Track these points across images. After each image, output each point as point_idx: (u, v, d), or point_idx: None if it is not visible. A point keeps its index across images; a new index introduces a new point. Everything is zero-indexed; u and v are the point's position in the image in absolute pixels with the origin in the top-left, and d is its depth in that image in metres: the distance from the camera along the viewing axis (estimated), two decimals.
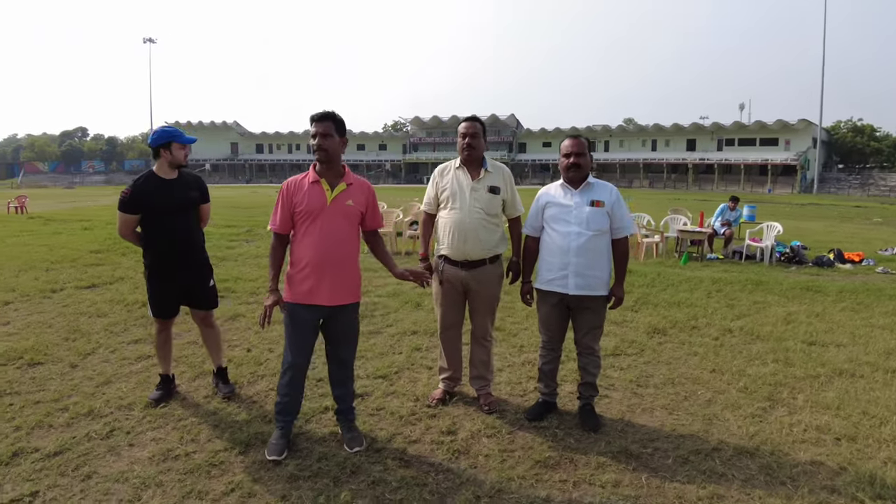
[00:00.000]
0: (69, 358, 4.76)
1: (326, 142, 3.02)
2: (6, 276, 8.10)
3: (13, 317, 6.05)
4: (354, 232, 3.22)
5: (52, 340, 5.20)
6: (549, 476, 2.95)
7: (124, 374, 4.43)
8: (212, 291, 4.00)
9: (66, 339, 5.27)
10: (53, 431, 3.50)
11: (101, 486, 2.88)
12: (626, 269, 3.53)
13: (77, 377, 4.38)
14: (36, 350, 4.91)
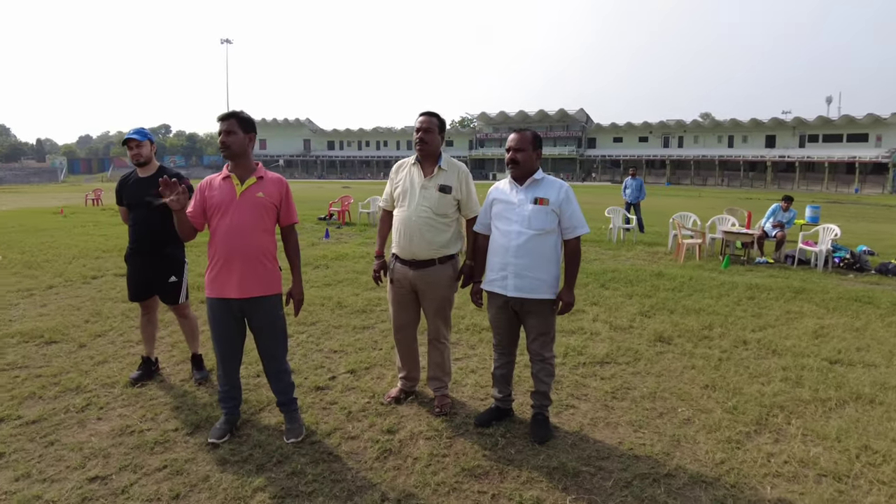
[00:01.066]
0: (81, 338, 5.10)
1: (230, 138, 3.09)
2: (60, 262, 8.83)
3: (51, 300, 6.56)
4: (267, 225, 3.20)
5: (74, 322, 5.58)
6: (470, 486, 2.78)
7: (122, 355, 4.67)
8: (171, 287, 4.10)
9: (86, 321, 5.64)
10: (40, 402, 3.76)
11: (57, 453, 3.11)
12: (576, 272, 3.24)
13: (80, 356, 4.67)
14: (55, 330, 5.29)
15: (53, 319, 5.69)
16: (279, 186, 3.24)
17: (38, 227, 14.19)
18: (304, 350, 4.83)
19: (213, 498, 2.71)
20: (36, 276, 7.91)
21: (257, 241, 3.15)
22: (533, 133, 3.21)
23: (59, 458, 3.07)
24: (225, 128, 3.10)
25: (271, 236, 3.26)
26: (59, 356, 4.67)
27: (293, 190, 3.37)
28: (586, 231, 3.20)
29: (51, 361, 4.54)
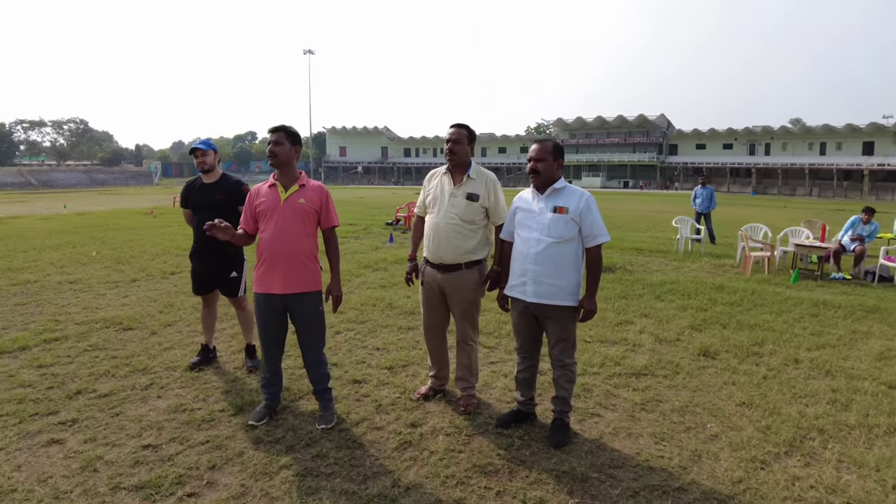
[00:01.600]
0: (153, 327, 5.64)
1: (278, 149, 3.40)
2: (145, 259, 9.72)
3: (133, 291, 7.26)
4: (308, 229, 3.47)
5: (149, 312, 6.17)
6: (478, 481, 2.88)
7: (187, 343, 5.13)
8: (232, 281, 4.49)
9: (160, 311, 6.22)
10: (112, 380, 4.24)
11: (120, 423, 3.55)
12: (598, 280, 3.26)
13: (151, 342, 5.18)
14: (133, 318, 5.89)
15: (132, 309, 6.31)
16: (319, 193, 3.51)
17: (130, 226, 15.59)
18: (350, 346, 5.09)
19: (243, 471, 2.98)
20: (123, 270, 8.76)
21: (299, 243, 3.42)
22: (554, 143, 3.27)
23: (121, 427, 3.48)
24: (274, 139, 3.41)
25: (312, 239, 3.52)
26: (133, 341, 5.20)
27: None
28: (606, 239, 3.22)
29: (125, 345, 5.07)
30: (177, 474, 2.94)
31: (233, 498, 2.75)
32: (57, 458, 3.11)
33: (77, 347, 4.99)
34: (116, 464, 3.05)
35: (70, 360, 4.67)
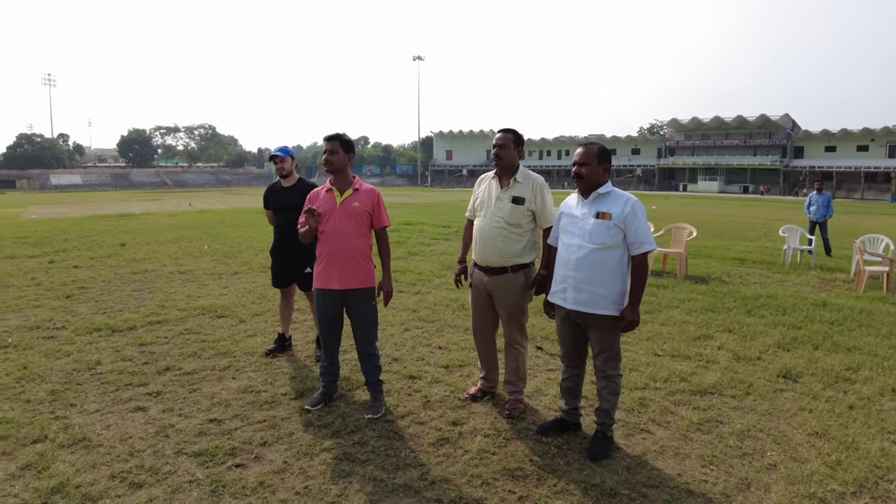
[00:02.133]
0: (242, 315, 6.18)
1: (333, 157, 3.67)
2: (249, 254, 10.62)
3: (232, 283, 7.98)
4: (362, 230, 3.68)
5: (242, 303, 6.76)
6: (503, 484, 2.89)
7: (269, 332, 5.56)
8: (307, 277, 4.79)
9: (252, 302, 6.79)
10: (197, 360, 4.73)
11: (195, 398, 3.97)
12: (642, 289, 3.11)
13: (238, 329, 5.68)
14: (226, 307, 6.48)
15: (228, 299, 6.93)
16: (371, 196, 3.72)
17: (243, 224, 17.00)
18: (415, 343, 5.26)
19: (289, 450, 3.23)
20: (228, 263, 9.62)
21: (353, 243, 3.64)
22: (599, 147, 3.19)
23: (195, 401, 3.90)
24: (329, 148, 3.67)
25: (366, 239, 3.73)
26: (222, 328, 5.73)
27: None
28: (652, 248, 3.08)
29: (215, 331, 5.60)
30: (231, 447, 3.24)
31: (273, 472, 2.98)
32: (139, 423, 3.54)
33: (174, 330, 5.59)
34: (184, 432, 3.41)
35: (166, 340, 5.25)
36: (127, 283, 7.93)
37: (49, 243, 12.38)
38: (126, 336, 5.40)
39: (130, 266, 9.36)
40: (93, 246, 11.94)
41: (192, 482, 2.88)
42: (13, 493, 2.78)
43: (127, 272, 8.82)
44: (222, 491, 2.81)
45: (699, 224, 18.00)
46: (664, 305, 6.73)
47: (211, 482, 2.87)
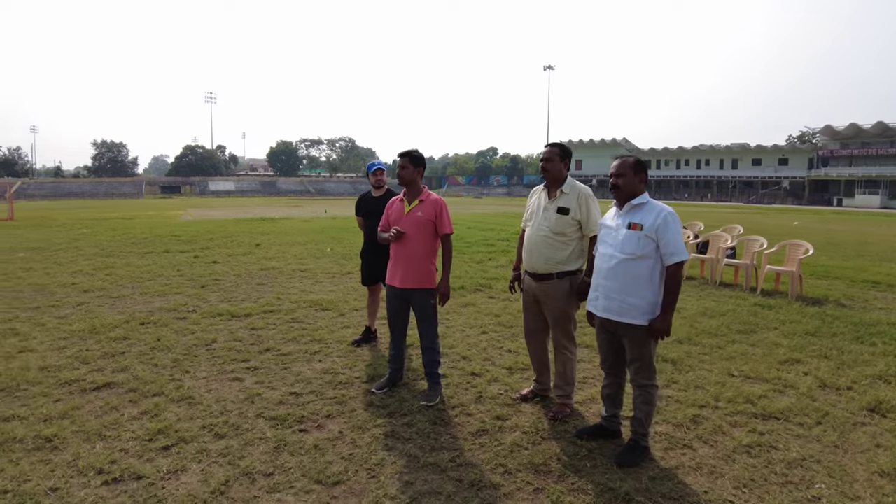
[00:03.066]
0: (343, 309, 6.90)
1: (403, 171, 4.13)
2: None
3: (343, 282, 8.85)
4: (426, 236, 4.07)
5: (345, 298, 7.50)
6: (524, 476, 3.07)
7: (362, 324, 6.15)
8: None
9: (354, 299, 7.51)
10: (294, 344, 5.45)
11: (283, 374, 4.64)
12: (674, 299, 3.12)
13: (336, 321, 6.38)
14: (331, 302, 7.25)
15: (335, 295, 7.71)
16: (435, 206, 4.11)
17: None
18: (487, 345, 5.54)
19: (347, 423, 3.71)
20: (343, 265, 10.56)
21: (417, 247, 4.07)
22: (635, 159, 3.27)
23: (283, 377, 4.54)
24: (401, 163, 4.15)
25: (428, 244, 4.13)
26: (323, 319, 6.45)
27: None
28: (684, 258, 3.10)
29: (316, 322, 6.32)
30: (301, 415, 3.79)
31: (328, 439, 3.46)
32: (234, 390, 4.24)
33: (283, 319, 6.41)
34: (267, 400, 4.04)
35: (273, 327, 6.05)
36: (253, 278, 9.09)
37: (197, 241, 14.42)
38: (242, 321, 6.29)
39: (260, 263, 10.66)
40: (232, 245, 13.69)
41: (261, 439, 3.45)
42: (131, 429, 3.56)
43: (256, 269, 10.06)
44: (283, 448, 3.33)
45: (843, 242, 16.16)
46: (761, 326, 6.34)
47: (276, 441, 3.42)
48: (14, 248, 13.28)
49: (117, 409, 3.87)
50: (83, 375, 4.50)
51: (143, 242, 14.27)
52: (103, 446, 3.33)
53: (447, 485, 2.97)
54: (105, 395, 4.11)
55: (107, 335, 5.65)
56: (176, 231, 17.49)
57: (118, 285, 8.42)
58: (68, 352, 5.12)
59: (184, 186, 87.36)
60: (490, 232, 17.54)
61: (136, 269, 9.99)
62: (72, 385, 4.31)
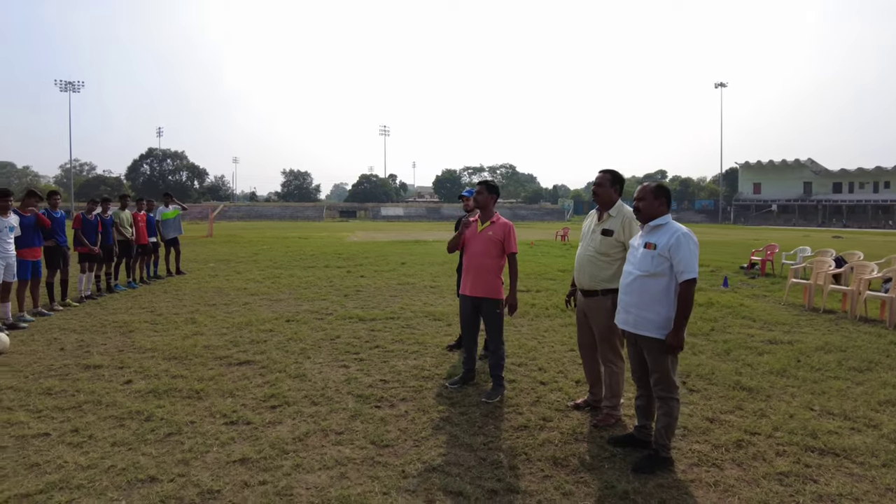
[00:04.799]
0: (452, 320, 7.76)
1: (479, 197, 4.85)
2: None
3: None
4: (495, 253, 4.73)
5: (456, 311, 8.28)
6: (539, 465, 3.50)
7: None
8: None
9: None
10: (399, 344, 6.41)
11: (379, 366, 5.56)
12: (684, 315, 3.31)
13: (442, 329, 7.25)
14: (444, 313, 8.18)
15: (451, 308, 8.59)
16: (504, 228, 4.76)
17: None
18: (568, 361, 5.88)
19: (415, 406, 4.47)
20: None
21: (484, 262, 4.74)
22: (656, 184, 3.55)
23: (379, 368, 5.47)
24: (478, 189, 4.88)
25: (497, 260, 4.78)
26: (432, 326, 7.32)
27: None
28: (692, 276, 3.31)
29: (425, 328, 7.22)
30: (380, 396, 4.65)
31: (394, 415, 4.24)
32: (338, 374, 5.25)
33: (399, 324, 7.41)
34: (360, 383, 4.97)
35: (389, 330, 7.07)
36: (389, 291, 10.35)
37: (354, 259, 16.40)
38: (366, 324, 7.42)
39: (399, 279, 11.97)
40: (381, 263, 15.36)
41: (343, 409, 4.35)
42: (254, 392, 4.75)
43: (394, 283, 11.36)
44: (357, 417, 4.19)
45: None
46: (882, 365, 5.69)
47: (354, 411, 4.30)
48: (207, 259, 16.62)
49: (249, 378, 5.10)
50: (232, 354, 5.91)
51: (310, 258, 16.66)
52: (231, 401, 4.51)
53: (471, 460, 3.55)
54: (243, 369, 5.40)
55: (258, 327, 7.13)
56: (339, 250, 19.98)
57: (279, 291, 10.23)
58: (226, 337, 6.66)
59: (359, 211, 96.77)
60: None
61: (297, 279, 11.90)
62: (222, 360, 5.71)
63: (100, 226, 9.64)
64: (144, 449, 3.64)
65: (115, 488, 3.16)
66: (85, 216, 9.49)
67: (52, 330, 7.10)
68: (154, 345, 6.27)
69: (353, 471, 3.39)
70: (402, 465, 3.46)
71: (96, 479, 3.26)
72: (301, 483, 3.23)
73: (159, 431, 3.92)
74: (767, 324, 7.59)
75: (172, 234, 12.64)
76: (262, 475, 3.30)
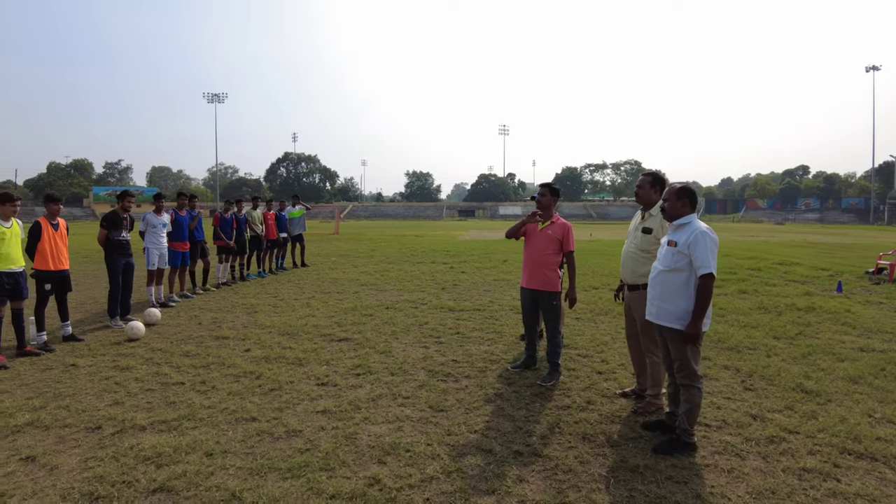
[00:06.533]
0: None
1: (542, 199, 5.35)
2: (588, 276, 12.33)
3: None
4: (552, 250, 5.22)
5: None
6: (569, 438, 3.97)
7: None
8: None
9: None
10: (478, 332, 7.08)
11: (454, 348, 6.25)
12: (702, 307, 3.60)
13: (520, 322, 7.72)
14: None
15: None
16: (563, 228, 5.25)
17: (615, 253, 18.76)
18: None
19: (476, 382, 5.14)
20: None
21: (543, 258, 5.26)
22: (680, 187, 3.83)
23: (454, 351, 6.22)
24: (541, 192, 5.41)
25: (554, 257, 5.27)
26: (512, 319, 7.94)
27: None
28: (708, 271, 3.56)
29: (506, 320, 7.87)
30: (448, 372, 5.40)
31: (455, 388, 4.95)
32: (418, 353, 6.08)
33: (483, 315, 8.10)
34: (434, 361, 5.75)
35: (472, 320, 7.79)
36: (484, 286, 11.05)
37: (459, 256, 17.29)
38: (454, 314, 8.18)
39: (496, 276, 12.61)
40: (484, 260, 16.07)
41: (414, 380, 5.15)
42: (345, 362, 5.72)
43: (490, 279, 12.02)
44: (424, 387, 4.96)
45: None
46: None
47: (422, 382, 5.08)
48: (329, 253, 18.61)
49: (343, 352, 6.10)
50: (334, 332, 6.99)
51: (420, 255, 17.85)
52: (325, 368, 5.52)
53: (509, 428, 4.13)
54: (341, 345, 6.41)
55: (361, 312, 8.21)
56: (449, 248, 21.05)
57: (385, 283, 11.37)
58: (333, 319, 7.80)
59: (477, 210, 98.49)
60: (748, 260, 16.14)
61: (404, 273, 13.02)
62: (325, 337, 6.80)
63: (234, 223, 11.41)
64: (251, 398, 4.71)
65: (226, 422, 4.23)
66: (222, 215, 11.28)
67: (193, 309, 8.78)
68: (272, 323, 7.58)
69: (409, 426, 4.13)
70: (449, 426, 4.14)
71: (214, 415, 4.36)
72: (365, 431, 4.04)
73: (265, 387, 4.99)
74: (867, 331, 7.15)
75: (297, 230, 14.40)
76: (337, 423, 4.18)
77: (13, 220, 6.06)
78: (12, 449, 3.80)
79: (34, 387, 5.06)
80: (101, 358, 5.97)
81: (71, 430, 4.11)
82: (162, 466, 3.52)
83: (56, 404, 4.60)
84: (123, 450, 3.74)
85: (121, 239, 7.63)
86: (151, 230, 8.90)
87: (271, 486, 3.27)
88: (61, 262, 6.58)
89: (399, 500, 3.14)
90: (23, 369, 5.58)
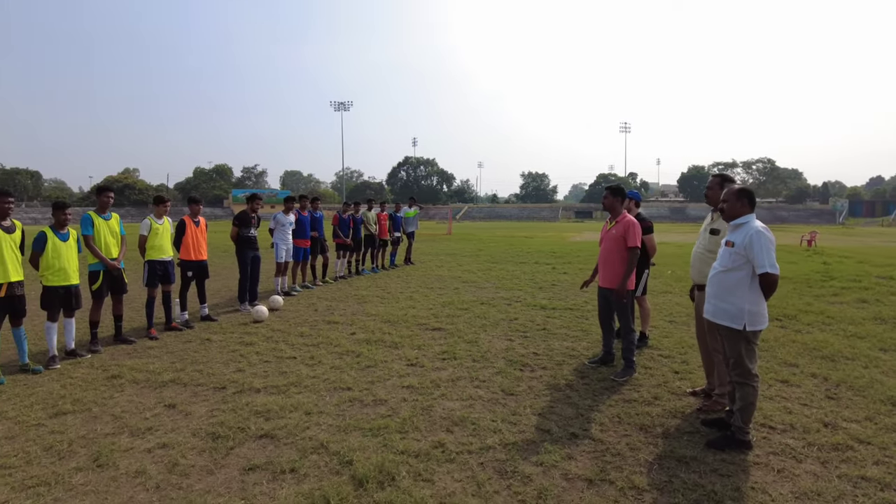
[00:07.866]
0: None
1: (605, 200, 5.63)
2: (665, 279, 12.08)
3: None
4: (619, 248, 5.45)
5: None
6: (626, 428, 4.24)
7: None
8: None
9: None
10: (564, 329, 7.44)
11: (537, 343, 6.64)
12: (764, 299, 3.75)
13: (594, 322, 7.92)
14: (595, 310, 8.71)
15: None
16: (626, 226, 5.49)
17: None
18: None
19: (550, 373, 5.54)
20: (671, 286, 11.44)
21: (612, 257, 5.55)
22: (740, 188, 3.95)
23: (537, 344, 6.63)
24: (605, 194, 5.69)
25: (621, 255, 5.49)
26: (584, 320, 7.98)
27: None
28: (766, 270, 3.66)
29: (596, 321, 7.99)
30: (526, 363, 5.88)
31: (530, 377, 5.40)
32: (502, 344, 6.62)
33: (573, 315, 8.44)
34: (515, 352, 6.26)
35: (561, 318, 8.17)
36: (566, 286, 11.20)
37: (564, 257, 17.40)
38: (545, 311, 8.59)
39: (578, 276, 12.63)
40: (590, 261, 16.08)
41: (493, 367, 5.70)
42: (433, 349, 6.41)
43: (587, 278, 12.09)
44: (500, 373, 5.48)
45: None
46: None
47: (500, 369, 5.61)
48: (438, 253, 19.66)
49: (435, 339, 6.81)
50: (429, 322, 7.73)
51: (525, 255, 18.22)
52: (417, 352, 6.26)
53: (571, 414, 4.52)
54: (434, 334, 7.12)
55: (456, 307, 8.87)
56: (556, 249, 21.16)
57: (486, 281, 11.97)
58: (431, 311, 8.58)
59: (595, 212, 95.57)
60: (884, 268, 14.46)
61: (505, 272, 13.52)
62: (421, 325, 7.58)
63: (351, 223, 12.62)
64: (349, 372, 5.55)
65: (325, 390, 5.08)
66: (340, 215, 12.53)
67: (311, 297, 10.02)
68: (377, 312, 8.52)
69: (479, 405, 4.68)
70: (515, 407, 4.61)
71: (317, 384, 5.24)
72: (440, 405, 4.65)
73: (362, 364, 5.82)
74: None
75: (410, 228, 15.60)
76: (417, 397, 4.84)
77: (165, 218, 7.46)
78: (159, 398, 4.92)
79: (177, 354, 6.32)
80: (230, 335, 7.19)
81: (202, 388, 5.18)
82: (269, 419, 4.40)
83: (192, 368, 5.76)
84: (241, 405, 4.70)
85: (249, 235, 8.98)
86: (280, 228, 10.26)
87: (353, 440, 4.01)
88: (201, 254, 7.95)
89: (457, 461, 3.70)
90: (169, 341, 6.92)
